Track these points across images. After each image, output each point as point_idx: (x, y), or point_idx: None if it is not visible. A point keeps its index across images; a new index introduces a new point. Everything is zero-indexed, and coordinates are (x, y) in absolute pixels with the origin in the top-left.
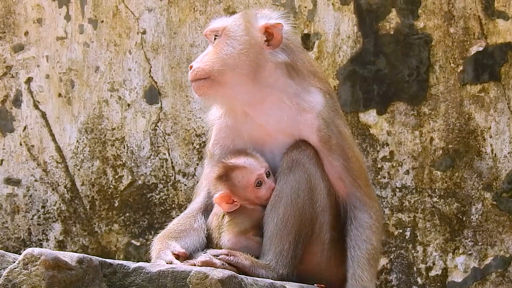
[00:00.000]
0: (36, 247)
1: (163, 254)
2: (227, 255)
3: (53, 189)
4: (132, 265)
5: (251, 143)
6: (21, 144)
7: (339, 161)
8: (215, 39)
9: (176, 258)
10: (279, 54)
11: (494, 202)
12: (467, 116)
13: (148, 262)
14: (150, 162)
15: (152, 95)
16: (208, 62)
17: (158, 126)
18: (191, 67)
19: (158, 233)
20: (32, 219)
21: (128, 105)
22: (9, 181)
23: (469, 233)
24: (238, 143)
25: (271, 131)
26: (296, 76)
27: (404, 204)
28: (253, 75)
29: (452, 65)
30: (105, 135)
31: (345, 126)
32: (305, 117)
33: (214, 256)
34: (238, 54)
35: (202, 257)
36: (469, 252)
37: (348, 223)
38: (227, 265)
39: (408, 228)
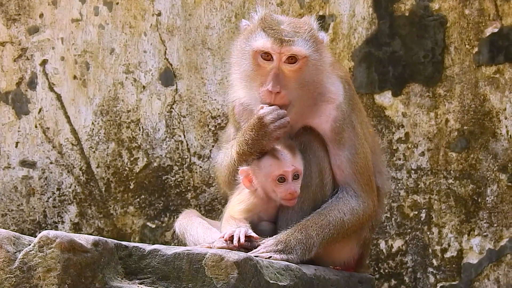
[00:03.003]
0: (51, 229)
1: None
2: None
3: (68, 172)
4: (147, 247)
5: None
6: (36, 127)
7: (344, 152)
8: (291, 61)
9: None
10: None
11: (510, 184)
12: (482, 97)
13: (163, 244)
14: (166, 144)
15: (168, 77)
16: (291, 89)
17: (173, 108)
18: (274, 92)
19: (173, 215)
20: (47, 201)
21: (144, 87)
22: (24, 163)
23: (484, 215)
24: None
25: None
26: (326, 71)
27: (419, 186)
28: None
29: (467, 46)
30: (121, 117)
31: (358, 122)
32: (326, 106)
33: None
34: (317, 81)
35: (220, 242)
36: (485, 233)
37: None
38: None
39: (424, 210)
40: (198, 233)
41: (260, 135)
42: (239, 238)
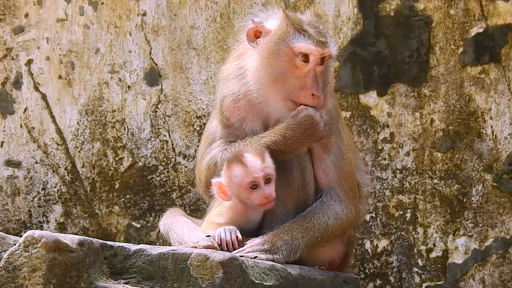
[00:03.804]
0: (36, 229)
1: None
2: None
3: (53, 171)
4: (132, 247)
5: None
6: (21, 126)
7: (330, 157)
8: (321, 62)
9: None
10: None
11: (495, 184)
12: (467, 97)
13: (148, 244)
14: (151, 144)
15: (153, 77)
16: (320, 90)
17: (158, 108)
18: (317, 96)
19: (158, 215)
20: (32, 201)
21: (129, 87)
22: (9, 163)
23: (469, 215)
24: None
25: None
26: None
27: (404, 186)
28: None
29: (452, 46)
30: (106, 117)
31: (344, 129)
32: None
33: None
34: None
35: (205, 241)
36: (470, 233)
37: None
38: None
39: (409, 210)
40: (183, 232)
41: (307, 134)
42: (232, 243)
